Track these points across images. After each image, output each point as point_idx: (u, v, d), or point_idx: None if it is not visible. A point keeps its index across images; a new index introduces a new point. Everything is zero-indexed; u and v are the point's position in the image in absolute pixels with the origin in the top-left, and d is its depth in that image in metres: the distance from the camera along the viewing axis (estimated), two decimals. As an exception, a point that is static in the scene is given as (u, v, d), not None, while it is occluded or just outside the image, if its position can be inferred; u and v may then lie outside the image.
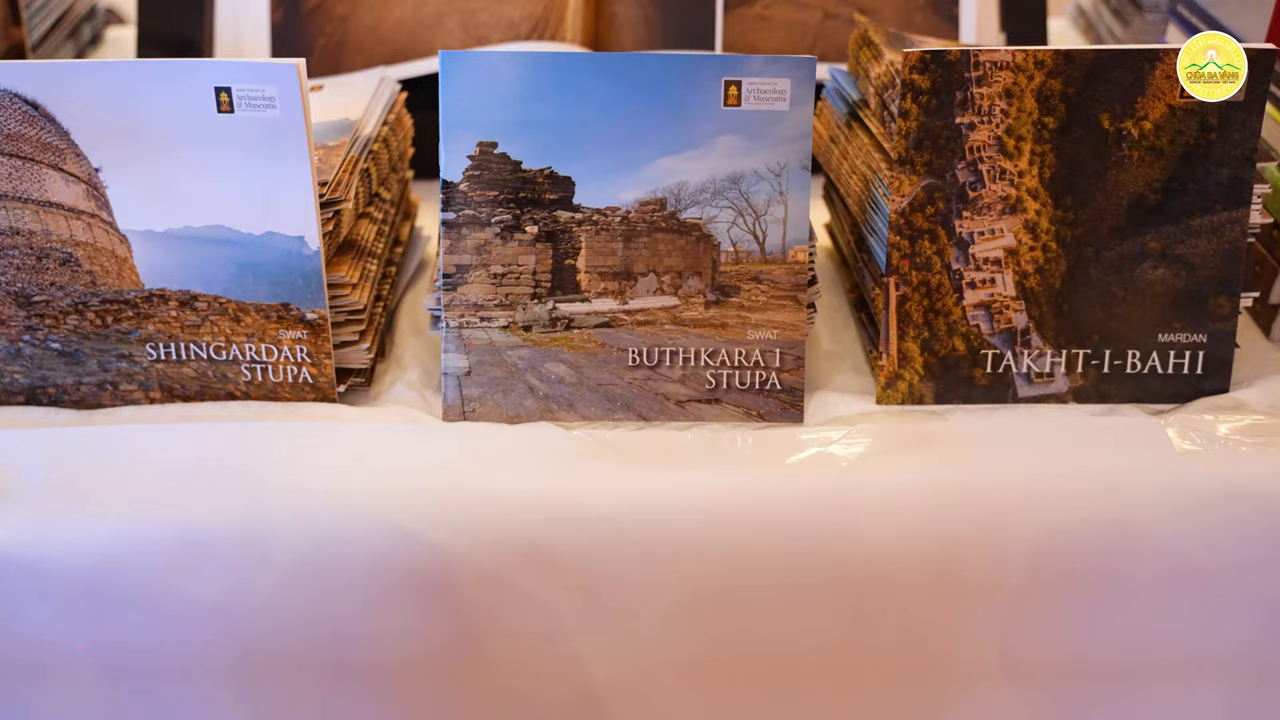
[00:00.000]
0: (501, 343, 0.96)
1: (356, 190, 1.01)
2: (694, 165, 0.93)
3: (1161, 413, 0.98)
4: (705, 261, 0.96)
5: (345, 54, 1.30)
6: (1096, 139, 0.94)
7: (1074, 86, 0.92)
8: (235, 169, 0.93)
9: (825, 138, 1.14)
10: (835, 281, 1.17)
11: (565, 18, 1.26)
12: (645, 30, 1.28)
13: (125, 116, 0.92)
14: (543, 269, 0.95)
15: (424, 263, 1.18)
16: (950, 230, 0.95)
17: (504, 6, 1.27)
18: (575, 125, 0.92)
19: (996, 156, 0.94)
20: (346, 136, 1.03)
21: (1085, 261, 0.96)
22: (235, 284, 0.96)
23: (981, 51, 0.91)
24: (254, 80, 0.90)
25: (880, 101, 1.02)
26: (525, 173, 0.93)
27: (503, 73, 0.91)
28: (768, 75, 0.92)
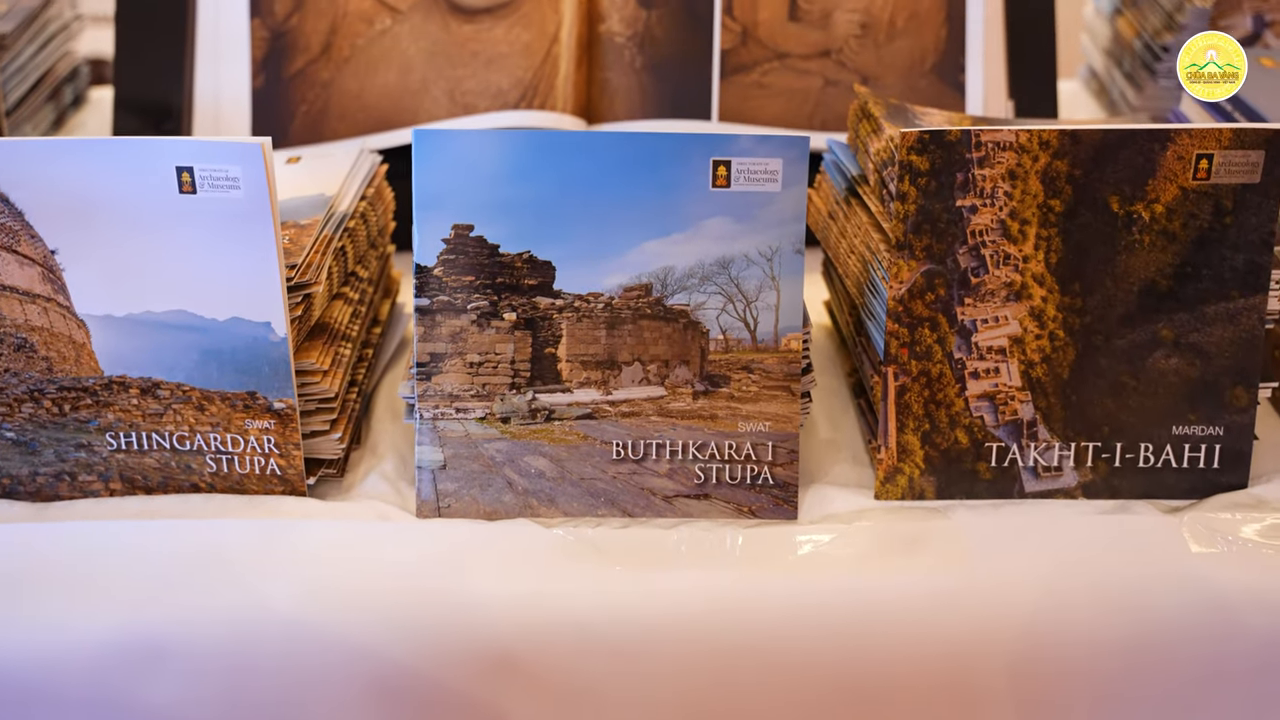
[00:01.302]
0: (478, 435, 0.91)
1: (331, 269, 0.97)
2: (681, 249, 0.89)
3: (1176, 510, 0.92)
4: (693, 350, 0.91)
5: (328, 122, 1.25)
6: (1105, 223, 0.89)
7: (1081, 168, 0.88)
8: (198, 252, 0.88)
9: (823, 213, 1.09)
10: (834, 363, 1.11)
11: (555, 85, 1.22)
12: (638, 98, 1.24)
13: (83, 197, 0.88)
14: (521, 358, 0.90)
15: (405, 341, 1.14)
16: (952, 318, 0.90)
17: (492, 74, 1.23)
18: (556, 207, 0.87)
19: (1000, 241, 0.89)
20: (321, 214, 0.98)
21: (1094, 350, 0.91)
22: (199, 371, 0.91)
23: (983, 131, 0.86)
24: (217, 160, 0.86)
25: (880, 179, 0.97)
26: (503, 257, 0.88)
27: (479, 152, 0.87)
28: (758, 155, 0.87)
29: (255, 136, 1.25)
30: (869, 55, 1.26)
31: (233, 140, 0.85)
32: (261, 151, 0.85)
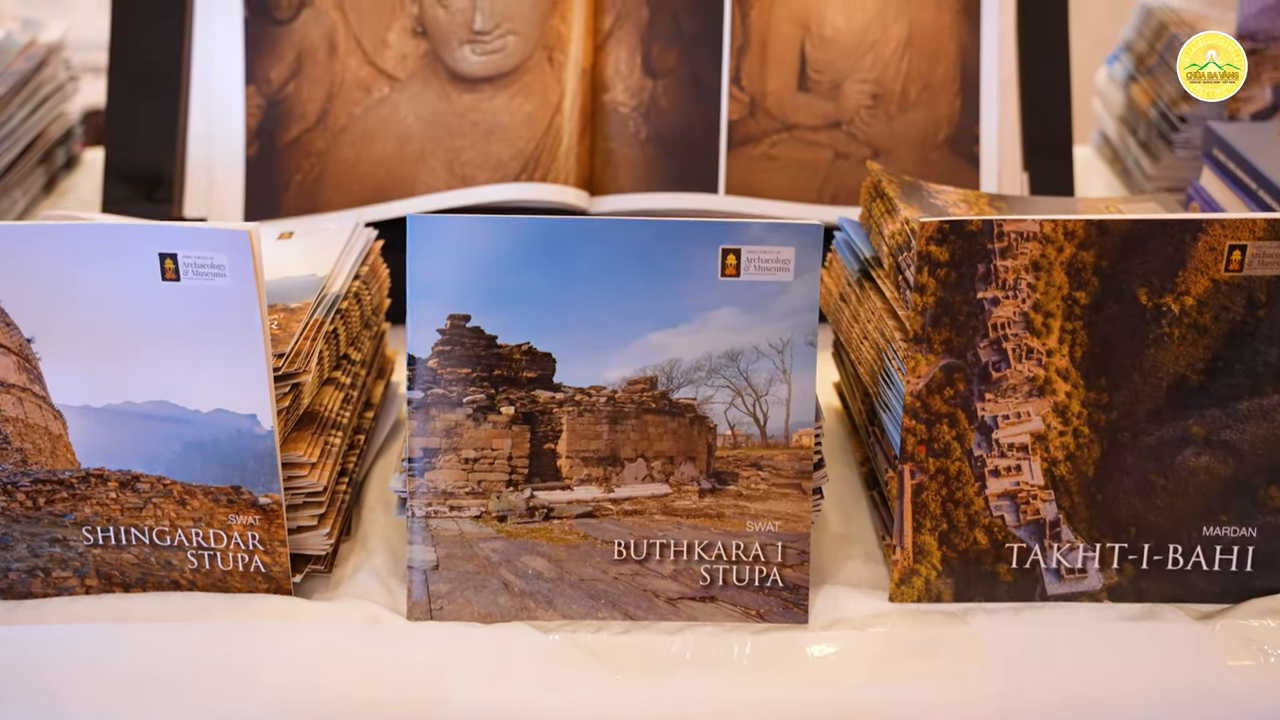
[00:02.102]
0: (473, 534, 0.86)
1: (322, 354, 0.92)
2: (688, 340, 0.84)
3: (1208, 616, 0.87)
4: (700, 446, 0.86)
5: (323, 192, 1.22)
6: (1133, 315, 0.85)
7: (1108, 259, 0.83)
8: (181, 341, 0.84)
9: (835, 295, 1.05)
10: (845, 450, 1.07)
11: (557, 157, 1.18)
12: (643, 170, 1.20)
13: (61, 284, 0.83)
14: (519, 454, 0.86)
15: (399, 423, 1.09)
16: (971, 414, 0.86)
17: (492, 145, 1.19)
18: (556, 296, 0.83)
19: (1023, 334, 0.84)
20: (312, 296, 0.94)
21: (1121, 448, 0.87)
22: (181, 464, 0.87)
23: (1006, 221, 0.82)
24: (202, 247, 0.82)
25: (895, 264, 0.93)
26: (501, 348, 0.84)
27: (476, 239, 0.83)
28: (769, 243, 0.83)
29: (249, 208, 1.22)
30: (880, 127, 1.23)
31: (218, 227, 0.81)
32: (248, 239, 0.81)
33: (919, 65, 1.24)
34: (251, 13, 1.26)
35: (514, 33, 1.21)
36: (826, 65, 1.23)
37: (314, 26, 1.25)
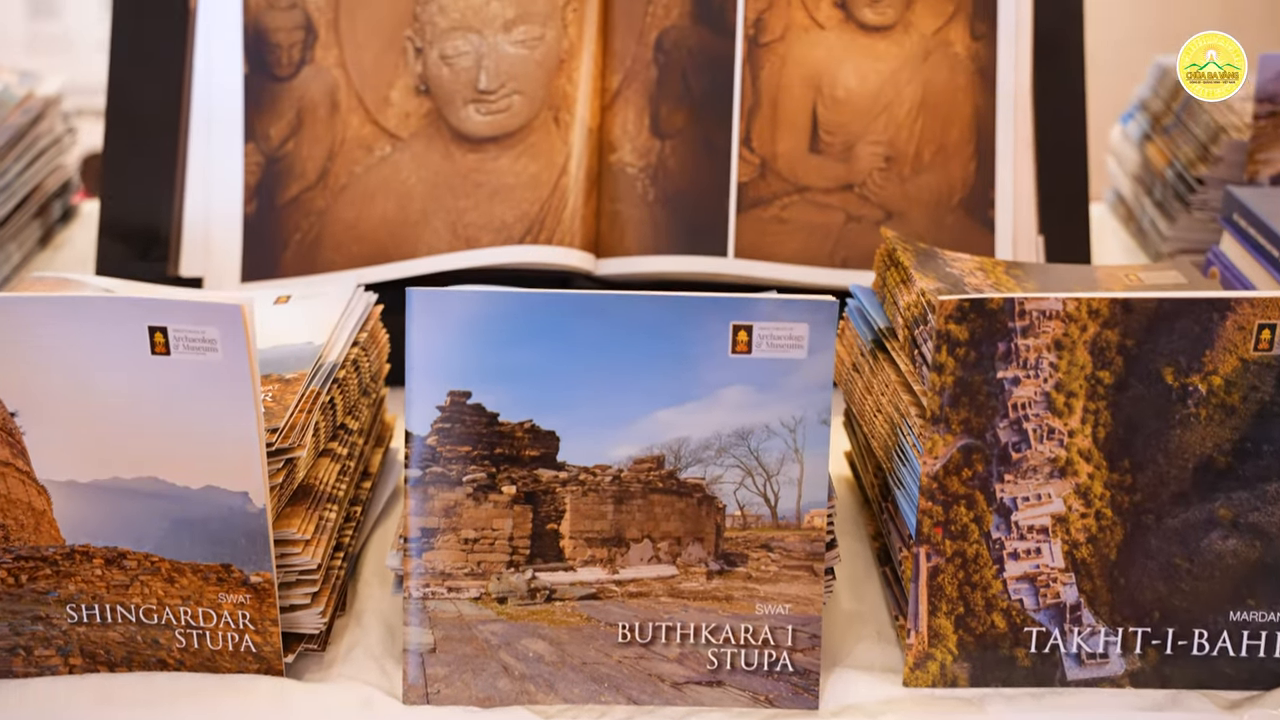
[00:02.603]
0: (472, 616, 0.83)
1: (317, 426, 0.90)
2: (697, 419, 0.81)
3: (1235, 705, 0.84)
4: (708, 526, 0.83)
5: (322, 252, 1.19)
6: (1158, 395, 0.82)
7: (1133, 338, 0.81)
8: (171, 416, 0.81)
9: (847, 364, 1.02)
10: (856, 522, 1.04)
11: (563, 219, 1.15)
12: (650, 232, 1.17)
13: (47, 356, 0.81)
14: (521, 534, 0.83)
15: (398, 492, 1.06)
16: (990, 495, 0.83)
17: (496, 207, 1.16)
18: (561, 373, 0.80)
19: (1044, 414, 0.81)
20: (308, 366, 0.91)
21: (1145, 530, 0.84)
22: (169, 542, 0.84)
23: (1027, 299, 0.80)
24: (193, 321, 0.79)
25: (910, 336, 0.90)
26: (503, 426, 0.81)
27: (478, 313, 0.80)
28: (782, 319, 0.80)
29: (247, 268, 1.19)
30: (893, 189, 1.20)
31: (210, 301, 0.78)
32: (241, 314, 0.78)
33: (933, 127, 1.21)
34: (251, 69, 1.23)
35: (519, 92, 1.19)
36: (839, 127, 1.21)
37: (315, 83, 1.23)
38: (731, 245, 1.17)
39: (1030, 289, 0.98)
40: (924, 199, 1.20)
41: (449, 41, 1.20)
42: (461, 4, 1.21)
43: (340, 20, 1.24)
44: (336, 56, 1.23)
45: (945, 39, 1.23)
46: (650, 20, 1.21)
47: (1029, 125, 1.22)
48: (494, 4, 1.20)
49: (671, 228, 1.17)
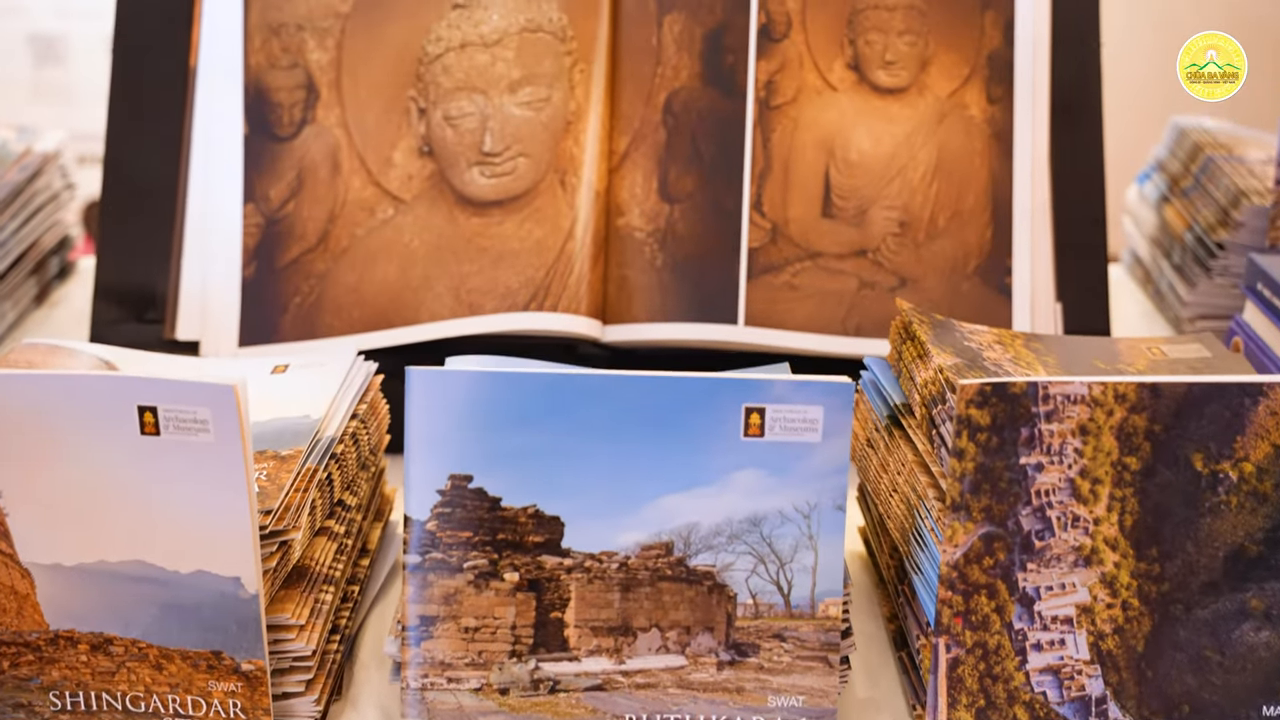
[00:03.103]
0: (473, 708, 0.80)
1: (314, 504, 0.86)
2: (707, 504, 0.78)
3: (1270, 806, 0.80)
4: (719, 615, 0.80)
5: (322, 316, 1.16)
6: (1187, 482, 0.78)
7: (1161, 423, 0.77)
8: (160, 498, 0.78)
9: (861, 439, 0.99)
10: (871, 601, 1.00)
11: (568, 285, 1.12)
12: (659, 298, 1.14)
13: (32, 434, 0.78)
14: (524, 623, 0.79)
15: (397, 567, 1.03)
16: (1012, 585, 0.79)
17: (500, 272, 1.14)
18: (566, 456, 0.77)
19: (1068, 501, 0.78)
20: (305, 442, 0.88)
21: (1173, 621, 0.80)
22: (158, 627, 0.81)
23: (1051, 384, 0.76)
24: (184, 401, 0.76)
25: (928, 415, 0.87)
26: (505, 511, 0.78)
27: (481, 394, 0.77)
28: (796, 401, 0.77)
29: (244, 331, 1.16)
30: (908, 255, 1.17)
31: (202, 381, 0.75)
32: (234, 395, 0.75)
33: (948, 192, 1.18)
34: (252, 129, 1.21)
35: (525, 155, 1.16)
36: (852, 191, 1.18)
37: (316, 144, 1.20)
38: (742, 312, 1.14)
39: (1050, 363, 0.95)
40: (939, 265, 1.17)
41: (453, 102, 1.18)
42: (466, 64, 1.18)
43: (342, 79, 1.21)
44: (338, 116, 1.21)
45: (961, 102, 1.21)
46: (659, 82, 1.18)
47: (1046, 190, 1.20)
48: (499, 65, 1.18)
49: (680, 294, 1.14)
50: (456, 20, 1.20)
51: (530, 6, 1.19)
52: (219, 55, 1.23)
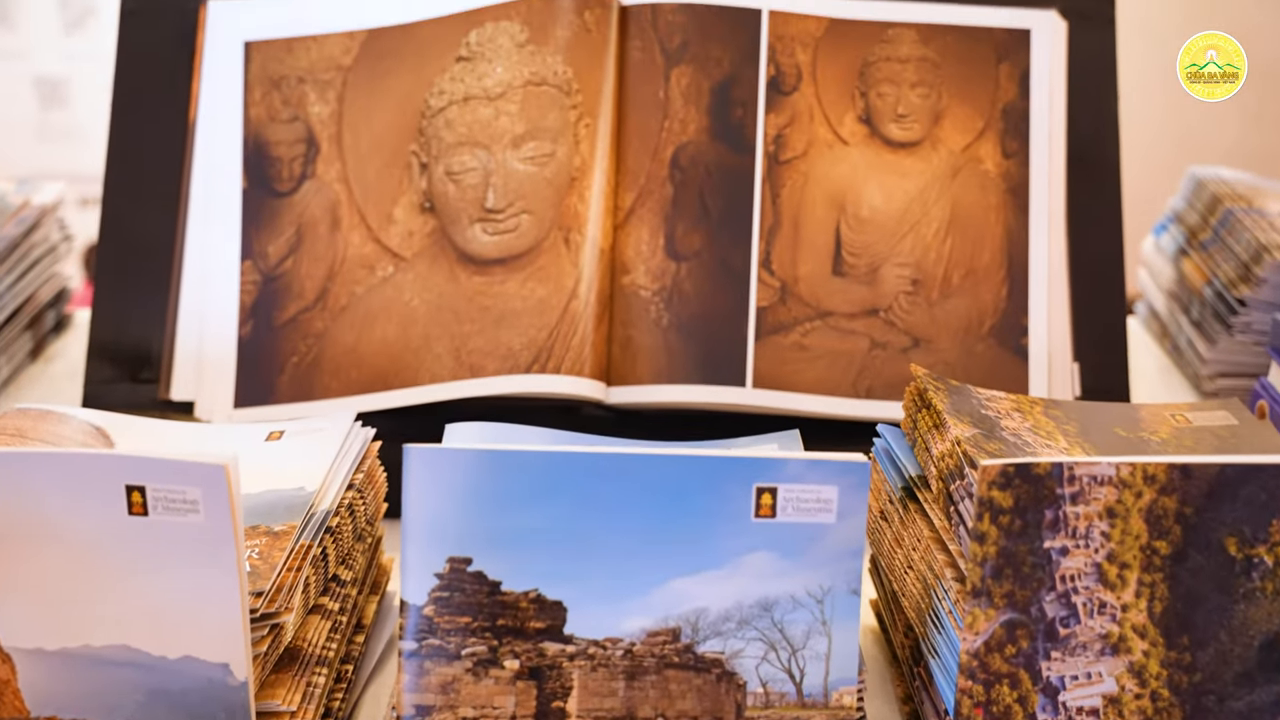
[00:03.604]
0: (470, 801, 0.76)
1: (308, 581, 0.83)
2: (716, 589, 0.75)
3: None
4: (728, 705, 0.76)
5: (319, 377, 1.13)
6: (1221, 567, 0.75)
7: (1192, 505, 0.74)
8: (148, 581, 0.75)
9: (875, 511, 0.96)
10: (885, 679, 0.97)
11: (572, 346, 1.09)
12: (664, 359, 1.11)
13: (15, 513, 0.75)
14: (524, 712, 0.76)
15: (393, 643, 0.99)
16: (1036, 674, 0.76)
17: (502, 332, 1.11)
18: (569, 538, 0.74)
19: (1095, 587, 0.75)
20: (299, 517, 0.85)
21: (1206, 713, 0.77)
22: (143, 714, 0.77)
23: (1077, 464, 0.73)
24: (173, 480, 0.73)
25: (945, 491, 0.84)
26: (505, 596, 0.75)
27: (480, 472, 0.74)
28: (809, 481, 0.74)
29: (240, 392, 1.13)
30: (921, 315, 1.14)
31: (192, 460, 0.72)
32: (224, 474, 0.72)
33: (962, 249, 1.16)
34: (251, 183, 1.18)
35: (528, 211, 1.13)
36: (863, 248, 1.15)
37: (315, 199, 1.18)
38: (750, 374, 1.11)
39: (1071, 431, 0.92)
40: (953, 325, 1.14)
41: (455, 157, 1.15)
42: (469, 118, 1.16)
43: (343, 134, 1.19)
44: (339, 171, 1.18)
45: (975, 156, 1.18)
46: (666, 136, 1.16)
47: (1063, 247, 1.17)
48: (503, 119, 1.15)
49: (687, 355, 1.11)
50: (460, 73, 1.17)
51: (535, 59, 1.16)
52: (219, 108, 1.21)
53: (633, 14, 1.18)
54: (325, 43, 1.21)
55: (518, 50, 1.17)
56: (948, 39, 1.19)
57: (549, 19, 1.17)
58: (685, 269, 1.13)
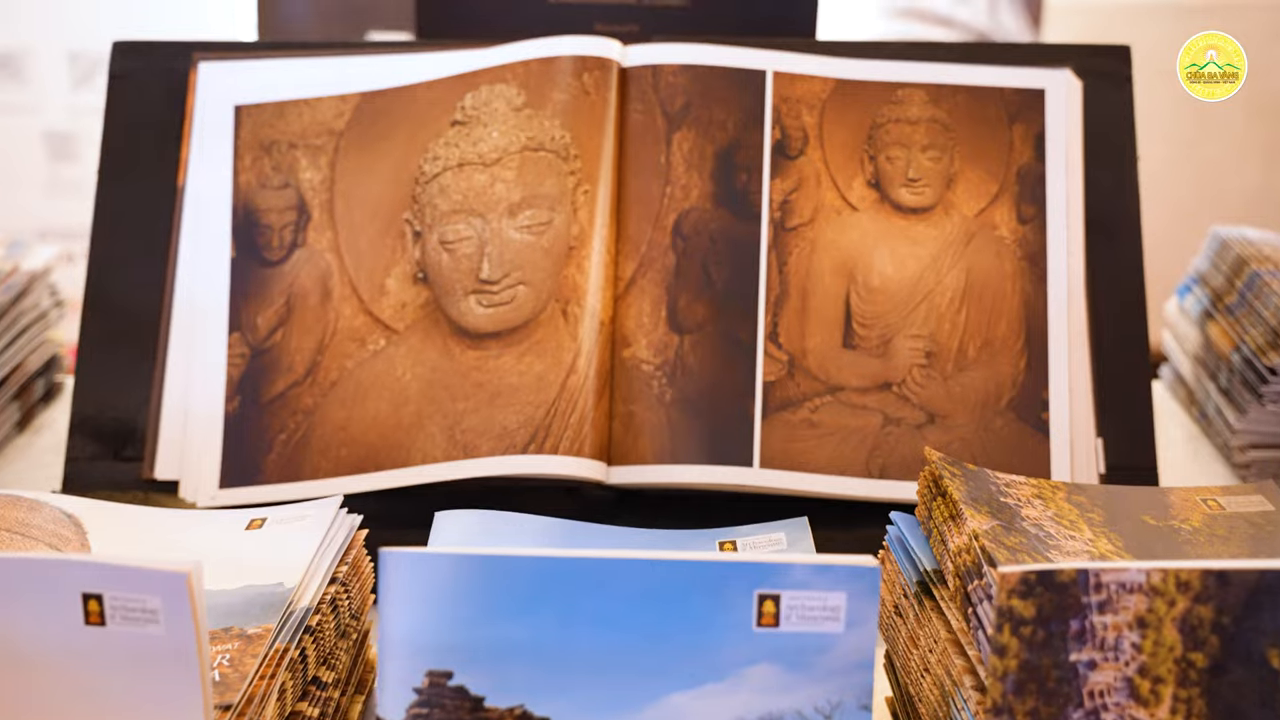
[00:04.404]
0: None
1: (284, 687, 0.78)
2: (716, 704, 0.70)
3: None
4: (730, 828, 0.71)
5: (308, 455, 1.09)
6: (1262, 681, 0.69)
7: (1230, 614, 0.69)
8: (104, 696, 0.70)
9: (889, 605, 0.91)
10: (901, 783, 0.91)
11: (570, 424, 1.05)
12: (667, 437, 1.06)
13: (-35, 625, 0.70)
14: (510, 837, 0.71)
15: (380, 741, 0.94)
16: (1063, 794, 0.70)
17: (497, 411, 1.06)
18: (557, 649, 0.69)
19: (1126, 703, 0.69)
20: (275, 618, 0.80)
21: (1247, 834, 0.71)
22: (104, 837, 0.72)
23: (1104, 571, 0.68)
24: (132, 588, 0.68)
25: (963, 590, 0.79)
26: (489, 713, 0.70)
27: (462, 577, 0.69)
28: (816, 587, 0.69)
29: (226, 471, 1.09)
30: (936, 389, 1.09)
31: (152, 568, 0.68)
32: (186, 583, 0.67)
33: (978, 319, 1.11)
34: (239, 252, 1.14)
35: (525, 283, 1.09)
36: (874, 319, 1.10)
37: (306, 268, 1.13)
38: (757, 453, 1.06)
39: (1096, 520, 0.87)
40: (970, 399, 1.09)
41: (449, 225, 1.11)
42: (464, 185, 1.12)
43: (335, 201, 1.15)
44: (330, 240, 1.14)
45: (989, 221, 1.13)
46: (668, 203, 1.11)
47: (1083, 316, 1.12)
48: (499, 185, 1.11)
49: (691, 433, 1.06)
50: (455, 138, 1.13)
51: (532, 124, 1.12)
52: (208, 174, 1.17)
53: (633, 76, 1.14)
54: (317, 106, 1.17)
55: (514, 114, 1.13)
56: (959, 100, 1.15)
57: (546, 82, 1.13)
58: (689, 342, 1.08)
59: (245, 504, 1.07)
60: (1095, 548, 0.83)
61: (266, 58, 1.19)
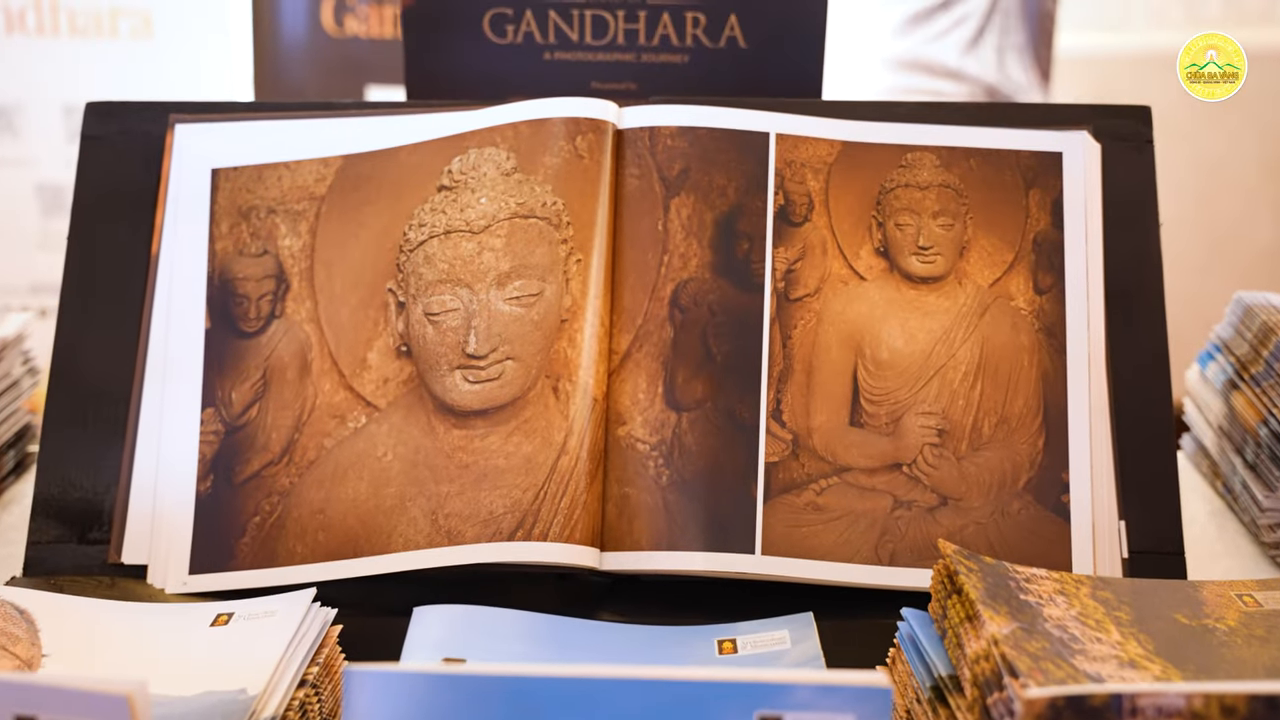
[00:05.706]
0: None
1: (243, 806, 0.72)
2: (712, 837, 0.63)
3: None
4: None
5: (283, 540, 1.02)
6: (1315, 810, 0.63)
7: (1280, 739, 0.62)
8: (41, 828, 0.64)
9: (900, 709, 0.84)
10: None
11: (561, 508, 0.98)
12: (664, 522, 1.00)
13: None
14: None
15: None
16: None
17: (483, 494, 1.00)
18: (537, 778, 0.63)
19: (1165, 837, 0.63)
20: (234, 729, 0.74)
21: None
22: None
23: (1140, 695, 0.62)
24: (70, 711, 0.62)
25: (981, 703, 0.72)
26: None
27: (432, 697, 0.63)
28: (822, 709, 0.62)
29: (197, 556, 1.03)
30: (949, 470, 1.03)
31: (90, 689, 0.61)
32: (127, 706, 0.61)
33: (993, 395, 1.05)
34: (214, 323, 1.09)
35: (513, 358, 1.03)
36: (883, 395, 1.04)
37: (284, 341, 1.08)
38: (759, 539, 1.00)
39: (1124, 620, 0.80)
40: (985, 481, 1.03)
41: (435, 296, 1.05)
42: (450, 253, 1.06)
43: (316, 269, 1.09)
44: (310, 310, 1.08)
45: (1005, 292, 1.07)
46: (665, 272, 1.06)
47: (1104, 391, 1.06)
48: (486, 254, 1.05)
49: (689, 517, 1.00)
50: (441, 204, 1.08)
51: (522, 189, 1.07)
52: (183, 241, 1.12)
53: (629, 139, 1.08)
54: (298, 170, 1.12)
55: (504, 179, 1.08)
56: (971, 163, 1.10)
57: (538, 145, 1.08)
58: (687, 420, 1.02)
59: (216, 590, 1.01)
60: (1124, 651, 0.77)
61: (245, 119, 1.14)
